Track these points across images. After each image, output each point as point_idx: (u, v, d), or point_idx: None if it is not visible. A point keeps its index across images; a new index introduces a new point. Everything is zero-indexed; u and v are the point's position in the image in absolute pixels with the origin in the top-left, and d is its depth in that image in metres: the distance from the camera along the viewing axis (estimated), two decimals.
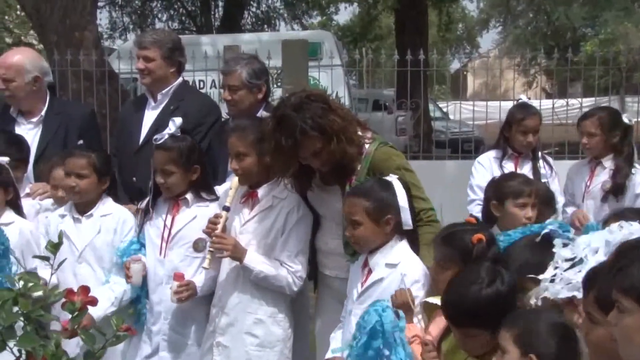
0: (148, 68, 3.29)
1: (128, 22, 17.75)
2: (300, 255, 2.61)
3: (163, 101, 3.37)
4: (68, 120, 3.38)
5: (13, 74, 3.30)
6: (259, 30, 16.95)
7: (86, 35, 6.93)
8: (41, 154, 3.28)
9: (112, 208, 2.89)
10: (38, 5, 6.89)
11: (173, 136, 2.73)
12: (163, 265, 2.76)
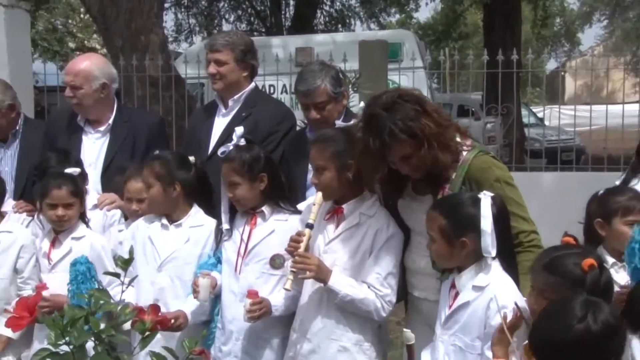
0: (220, 72, 3.36)
1: (194, 24, 18.32)
2: (389, 277, 2.59)
3: (234, 108, 3.44)
4: (136, 129, 3.50)
5: (81, 80, 3.42)
6: (333, 30, 17.09)
7: (152, 39, 7.18)
8: (109, 164, 3.43)
9: (203, 220, 2.99)
10: (104, 8, 7.18)
11: (237, 146, 2.82)
12: (238, 282, 2.82)
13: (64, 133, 3.54)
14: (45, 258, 3.01)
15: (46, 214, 3.00)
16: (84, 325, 1.67)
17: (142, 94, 6.83)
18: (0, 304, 2.96)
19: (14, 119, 3.69)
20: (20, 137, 3.70)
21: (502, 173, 2.48)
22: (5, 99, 3.62)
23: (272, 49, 7.84)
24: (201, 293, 2.76)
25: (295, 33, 13.17)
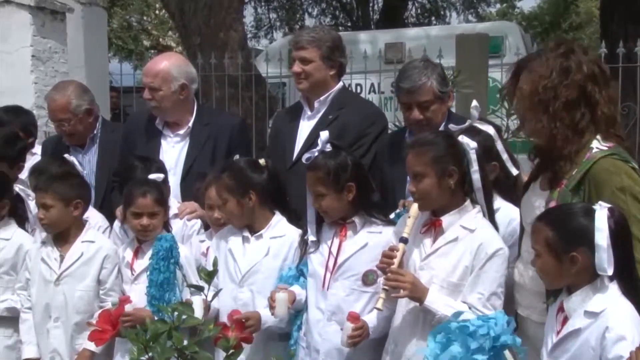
0: (305, 71, 3.39)
1: (274, 19, 18.65)
2: (493, 298, 2.54)
3: (320, 110, 3.46)
4: (217, 132, 3.58)
5: (159, 82, 3.52)
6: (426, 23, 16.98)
7: (232, 36, 7.35)
8: (188, 170, 3.53)
9: (284, 229, 3.05)
10: (182, 3, 7.43)
11: (322, 153, 2.83)
12: (326, 299, 2.85)
13: (142, 137, 3.67)
14: (128, 268, 3.13)
15: (130, 223, 3.12)
16: (167, 341, 1.73)
17: (220, 95, 6.98)
18: (84, 317, 3.11)
19: (91, 124, 3.86)
20: (99, 141, 3.87)
21: (631, 184, 2.34)
22: (82, 104, 3.79)
23: (360, 45, 7.87)
24: (278, 308, 2.79)
25: (384, 27, 13.16)
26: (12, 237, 3.24)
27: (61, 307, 3.10)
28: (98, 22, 6.84)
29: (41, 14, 5.80)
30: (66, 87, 3.91)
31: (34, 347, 3.14)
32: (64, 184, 3.15)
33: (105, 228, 3.46)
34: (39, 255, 3.16)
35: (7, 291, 3.20)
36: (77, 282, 3.12)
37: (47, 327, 3.12)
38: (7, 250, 3.21)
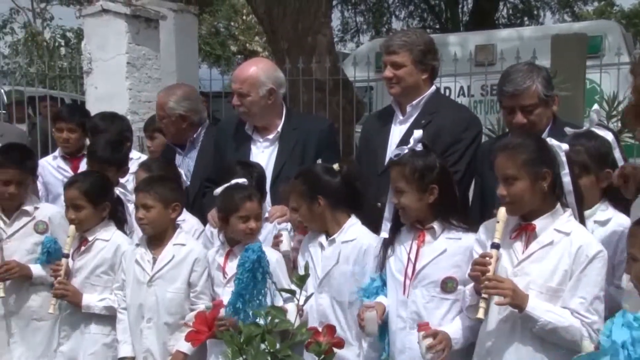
0: (397, 75, 3.39)
1: (361, 23, 18.70)
2: (596, 302, 2.48)
3: (412, 114, 3.45)
4: (305, 136, 3.63)
5: (248, 87, 3.60)
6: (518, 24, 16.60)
7: (319, 40, 7.41)
8: (278, 174, 3.58)
9: (355, 233, 3.05)
10: (270, 8, 7.55)
11: (412, 151, 2.82)
12: (406, 307, 2.83)
13: (232, 142, 3.75)
14: (220, 271, 3.21)
15: (237, 227, 3.15)
16: (260, 344, 1.77)
17: (308, 99, 7.06)
18: (176, 318, 3.21)
19: (185, 129, 4.00)
20: (200, 146, 4.01)
21: None
22: (177, 109, 3.94)
23: (449, 48, 7.80)
24: (368, 327, 2.79)
25: (474, 29, 12.96)
26: (111, 238, 3.38)
27: (153, 308, 3.21)
28: (189, 29, 7.03)
29: (136, 22, 6.03)
30: (173, 90, 4.14)
31: (128, 347, 3.25)
32: (165, 186, 3.26)
33: (201, 232, 3.56)
34: (133, 257, 3.28)
35: (105, 290, 3.34)
36: (168, 284, 3.21)
37: (140, 327, 3.23)
38: (106, 250, 3.35)
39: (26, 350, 3.40)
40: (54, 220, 3.48)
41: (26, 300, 3.42)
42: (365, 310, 2.80)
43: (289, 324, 1.84)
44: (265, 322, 1.83)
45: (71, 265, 3.32)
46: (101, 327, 3.33)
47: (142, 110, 6.16)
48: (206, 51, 22.06)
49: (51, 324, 3.42)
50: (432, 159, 2.83)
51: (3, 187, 3.38)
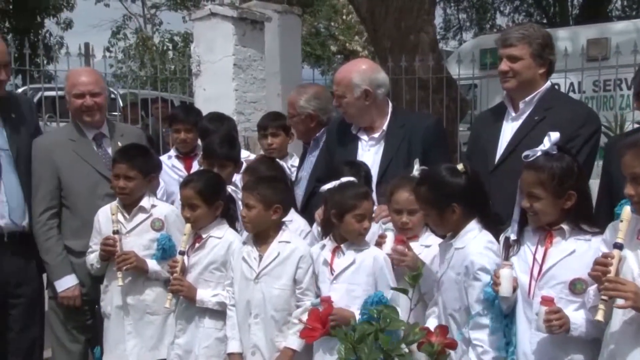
0: (513, 69, 3.32)
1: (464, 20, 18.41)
2: None
3: (525, 111, 3.36)
4: (411, 133, 3.60)
5: (343, 89, 3.66)
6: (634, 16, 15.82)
7: (422, 38, 7.37)
8: (384, 173, 3.57)
9: (469, 239, 2.94)
10: (372, 7, 7.56)
11: (547, 154, 2.72)
12: (532, 308, 2.75)
13: (340, 142, 3.79)
14: (327, 267, 3.22)
15: (351, 226, 3.14)
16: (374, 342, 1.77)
17: (410, 98, 7.04)
18: (282, 314, 3.26)
19: (313, 128, 4.09)
20: (321, 145, 4.05)
21: None
22: (307, 107, 4.04)
23: (559, 42, 7.51)
24: (503, 286, 2.70)
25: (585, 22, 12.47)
26: (224, 235, 3.46)
27: (260, 304, 3.26)
28: (293, 30, 7.13)
29: (242, 24, 6.18)
30: (305, 88, 4.26)
31: (236, 343, 3.32)
32: (269, 188, 3.30)
33: (307, 232, 3.60)
34: (241, 255, 3.34)
35: (218, 286, 3.42)
36: (274, 281, 3.25)
37: (248, 323, 3.28)
38: (219, 247, 3.43)
39: (139, 342, 3.53)
40: (169, 218, 3.60)
41: (141, 294, 3.55)
42: (502, 267, 2.73)
43: (401, 323, 1.83)
44: (378, 321, 1.84)
45: (186, 262, 3.43)
46: (214, 321, 3.41)
47: (248, 111, 6.31)
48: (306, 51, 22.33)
49: (163, 318, 3.53)
50: (570, 162, 2.73)
51: (122, 184, 3.53)
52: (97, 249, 3.58)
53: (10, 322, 3.64)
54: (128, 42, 21.89)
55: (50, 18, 19.49)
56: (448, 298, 2.93)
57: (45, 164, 3.69)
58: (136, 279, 3.54)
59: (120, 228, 3.54)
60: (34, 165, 3.70)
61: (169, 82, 7.41)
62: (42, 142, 3.78)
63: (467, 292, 2.85)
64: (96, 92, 3.76)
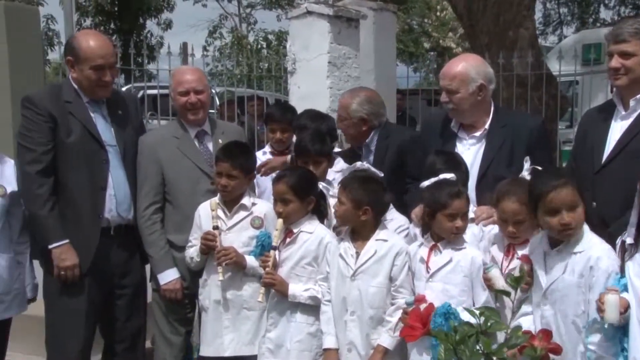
0: (625, 66, 3.21)
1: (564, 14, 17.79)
2: None
3: (637, 109, 3.24)
4: (515, 134, 3.52)
5: (457, 84, 3.57)
6: None
7: (521, 34, 7.21)
8: (484, 173, 3.51)
9: (589, 243, 2.86)
10: (470, 3, 7.44)
11: None
12: None
13: (437, 139, 3.74)
14: (423, 264, 3.20)
15: (443, 225, 3.14)
16: (476, 344, 1.75)
17: (507, 95, 6.89)
18: (378, 312, 3.26)
19: (364, 132, 4.04)
20: (375, 150, 4.02)
21: None
22: (359, 111, 4.00)
23: None
24: (608, 312, 2.62)
25: None
26: (315, 231, 3.49)
27: (356, 301, 3.27)
28: (388, 27, 7.09)
29: (338, 22, 6.19)
30: (357, 92, 4.19)
31: (332, 338, 3.35)
32: (361, 189, 3.30)
33: (405, 229, 3.58)
34: (338, 251, 3.36)
35: (309, 281, 3.45)
36: (370, 278, 3.26)
37: (344, 320, 3.30)
38: (310, 242, 3.47)
39: (236, 337, 3.60)
40: (268, 216, 3.64)
41: (239, 290, 3.62)
42: (607, 293, 2.64)
43: (504, 326, 1.80)
44: (479, 323, 1.81)
45: (278, 257, 3.49)
46: (306, 316, 3.45)
47: None
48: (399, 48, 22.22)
49: (259, 314, 3.59)
50: None
51: (224, 182, 3.60)
52: (196, 244, 3.67)
53: (117, 311, 3.78)
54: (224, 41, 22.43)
55: (152, 19, 20.22)
56: (569, 304, 2.83)
57: (150, 160, 3.81)
58: (234, 274, 3.61)
59: (220, 224, 3.61)
60: (140, 161, 3.83)
61: (261, 80, 7.52)
62: (148, 139, 3.91)
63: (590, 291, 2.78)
64: (200, 90, 3.85)
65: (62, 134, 3.56)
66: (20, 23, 5.47)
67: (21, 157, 3.56)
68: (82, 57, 3.60)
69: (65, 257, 3.51)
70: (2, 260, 3.51)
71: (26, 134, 3.53)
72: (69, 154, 3.56)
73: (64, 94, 3.63)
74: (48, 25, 18.01)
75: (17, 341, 3.90)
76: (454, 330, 1.74)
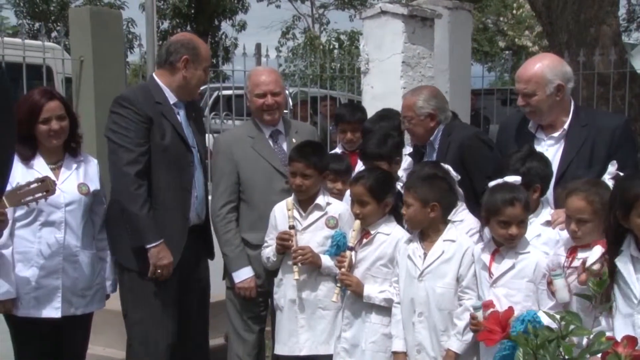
0: None
1: None
2: None
3: None
4: (596, 134, 3.44)
5: (533, 87, 3.52)
6: None
7: (603, 31, 7.01)
8: (563, 174, 3.44)
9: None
10: (549, 1, 7.27)
11: None
12: None
13: (514, 140, 3.68)
14: (486, 271, 3.17)
15: (496, 231, 3.12)
16: (556, 349, 1.71)
17: (588, 94, 6.72)
18: (446, 313, 3.23)
19: (432, 128, 3.98)
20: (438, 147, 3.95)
21: None
22: (425, 107, 3.94)
23: None
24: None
25: None
26: (392, 232, 3.49)
27: (424, 302, 3.26)
28: (464, 26, 7.00)
29: (412, 21, 6.16)
30: (419, 90, 4.16)
31: (400, 341, 3.34)
32: (426, 186, 3.29)
33: (476, 231, 3.54)
34: (406, 252, 3.35)
35: (385, 282, 3.45)
36: (438, 279, 3.25)
37: (412, 321, 3.29)
38: (387, 244, 3.47)
39: (312, 336, 3.63)
40: (343, 217, 3.66)
41: (315, 289, 3.64)
42: None
43: (586, 331, 1.75)
44: (560, 327, 1.77)
45: (354, 258, 3.50)
46: (381, 317, 3.45)
47: None
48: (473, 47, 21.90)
49: (334, 313, 3.61)
50: None
51: (299, 181, 3.63)
52: (272, 244, 3.71)
53: (190, 307, 3.88)
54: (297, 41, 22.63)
55: (226, 21, 20.59)
56: None
57: (226, 159, 3.89)
58: (310, 273, 3.64)
59: (295, 224, 3.65)
60: (217, 160, 3.92)
61: (332, 80, 7.56)
62: (225, 138, 4.01)
63: None
64: (277, 92, 3.90)
65: (157, 136, 3.64)
66: (104, 27, 5.66)
67: (118, 157, 3.60)
68: (201, 58, 3.75)
69: (163, 256, 3.60)
70: (85, 256, 3.63)
71: (124, 134, 3.59)
72: (162, 156, 3.64)
73: (154, 95, 3.72)
74: (129, 28, 18.58)
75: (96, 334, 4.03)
76: (535, 334, 1.70)
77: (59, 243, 3.53)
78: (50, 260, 3.52)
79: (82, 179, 3.66)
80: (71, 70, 5.83)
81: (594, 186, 3.01)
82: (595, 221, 2.94)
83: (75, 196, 3.60)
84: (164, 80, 3.75)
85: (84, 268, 3.64)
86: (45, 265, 3.51)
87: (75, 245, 3.59)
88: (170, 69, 3.73)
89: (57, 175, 3.58)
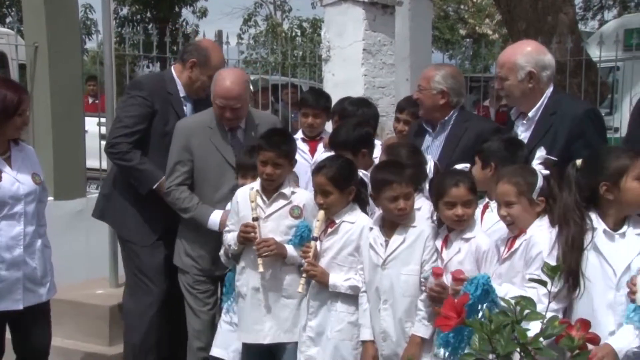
0: None
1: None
2: None
3: None
4: (559, 122, 3.50)
5: (506, 72, 3.62)
6: None
7: (561, 19, 7.11)
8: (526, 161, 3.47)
9: None
10: None
11: None
12: None
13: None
14: (438, 257, 3.22)
15: (443, 213, 3.18)
16: (511, 334, 1.73)
17: None
18: (412, 300, 3.24)
19: (440, 107, 3.98)
20: (449, 130, 4.00)
21: None
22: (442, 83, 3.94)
23: None
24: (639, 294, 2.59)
25: None
26: (357, 220, 3.48)
27: (388, 290, 3.26)
28: (424, 14, 7.03)
29: (373, 8, 6.15)
30: (442, 66, 4.27)
31: (368, 330, 3.35)
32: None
33: None
34: (368, 241, 3.36)
35: (350, 271, 3.44)
36: (401, 267, 3.25)
37: (378, 309, 3.30)
38: (352, 232, 3.46)
39: (275, 324, 3.62)
40: (307, 206, 3.63)
41: (278, 278, 3.63)
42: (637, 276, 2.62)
43: (540, 315, 1.78)
44: (515, 312, 1.79)
45: (319, 247, 3.49)
46: (346, 305, 3.44)
47: (376, 96, 6.28)
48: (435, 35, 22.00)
49: (297, 301, 3.61)
50: None
51: (270, 170, 3.56)
52: (234, 229, 3.68)
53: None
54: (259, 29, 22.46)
55: (187, 7, 20.33)
56: None
57: (182, 148, 3.97)
58: (273, 263, 3.61)
59: (259, 212, 3.60)
60: (174, 146, 3.98)
61: (294, 68, 7.53)
62: (185, 125, 4.04)
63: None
64: (237, 107, 3.91)
65: (160, 123, 4.04)
66: (59, 12, 5.54)
67: (115, 128, 4.09)
68: (209, 66, 4.05)
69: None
70: (40, 245, 3.66)
71: (126, 113, 4.04)
72: (160, 141, 4.03)
73: (167, 86, 4.10)
74: (86, 14, 18.23)
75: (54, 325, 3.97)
76: (489, 319, 1.72)
77: (19, 235, 3.53)
78: (11, 253, 3.50)
79: (32, 169, 3.67)
80: (25, 57, 5.70)
81: (518, 170, 3.10)
82: (522, 204, 3.00)
83: (32, 187, 3.60)
84: (178, 74, 4.14)
85: (40, 257, 3.64)
86: (7, 258, 3.49)
87: (32, 235, 3.59)
88: (182, 65, 4.13)
89: (10, 166, 3.56)
